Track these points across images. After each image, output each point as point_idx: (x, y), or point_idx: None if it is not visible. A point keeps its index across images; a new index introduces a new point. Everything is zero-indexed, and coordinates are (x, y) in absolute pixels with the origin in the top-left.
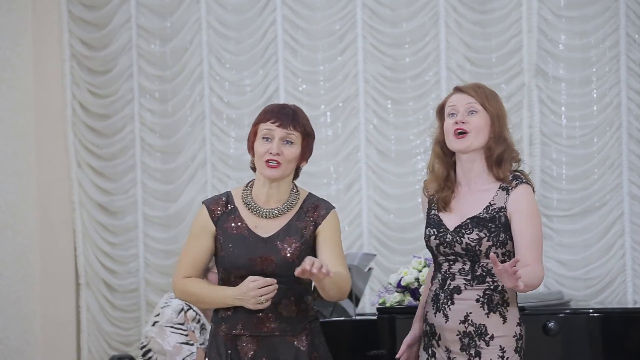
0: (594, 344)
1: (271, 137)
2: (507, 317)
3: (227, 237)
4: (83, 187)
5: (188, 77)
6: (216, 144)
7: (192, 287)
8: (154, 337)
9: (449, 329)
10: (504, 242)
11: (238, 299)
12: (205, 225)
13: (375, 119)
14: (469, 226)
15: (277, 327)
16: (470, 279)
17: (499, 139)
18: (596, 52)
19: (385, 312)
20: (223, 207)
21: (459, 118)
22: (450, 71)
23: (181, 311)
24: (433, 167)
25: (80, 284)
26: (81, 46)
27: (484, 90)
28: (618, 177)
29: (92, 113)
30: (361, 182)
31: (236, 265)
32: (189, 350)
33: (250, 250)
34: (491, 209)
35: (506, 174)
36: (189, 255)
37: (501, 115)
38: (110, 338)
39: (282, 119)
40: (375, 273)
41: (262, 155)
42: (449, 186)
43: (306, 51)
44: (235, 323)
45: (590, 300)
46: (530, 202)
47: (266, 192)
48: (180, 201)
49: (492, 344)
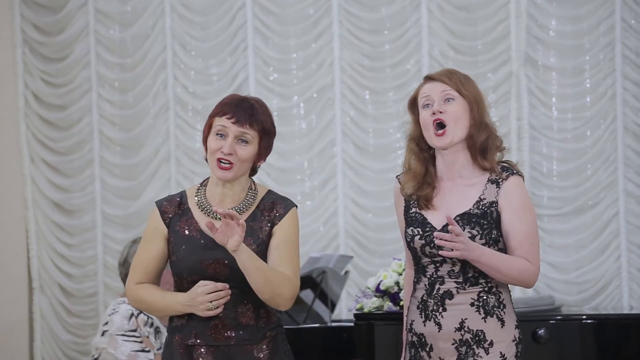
0: (587, 353)
1: (225, 134)
2: (505, 320)
3: (178, 239)
4: (37, 184)
5: (150, 65)
6: (181, 137)
7: (143, 294)
8: (105, 347)
9: (443, 338)
10: (496, 239)
11: (187, 305)
12: (157, 228)
13: (352, 110)
14: (459, 224)
15: (234, 336)
16: (462, 281)
17: (480, 126)
18: (589, 39)
19: (363, 319)
20: (176, 208)
21: (435, 108)
22: (432, 59)
23: (131, 317)
24: (409, 165)
25: (34, 288)
26: (34, 31)
27: (457, 76)
28: (613, 174)
29: (46, 104)
30: (337, 178)
31: (188, 269)
32: (146, 358)
33: (202, 254)
34: (482, 204)
35: (493, 164)
36: (141, 261)
37: (479, 99)
38: (66, 347)
39: (238, 115)
40: (352, 276)
41: (214, 152)
42: (429, 182)
43: (278, 37)
44: (189, 332)
45: (584, 305)
46: (523, 194)
47: (220, 192)
48: (142, 199)
49: (492, 351)
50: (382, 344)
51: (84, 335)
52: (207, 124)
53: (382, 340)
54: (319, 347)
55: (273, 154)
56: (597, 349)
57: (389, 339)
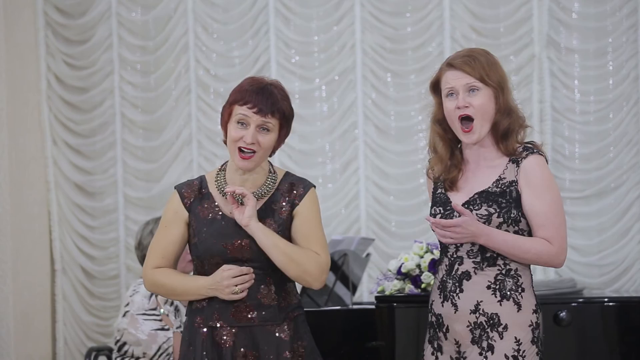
0: (609, 335)
1: (247, 124)
2: (522, 304)
3: (199, 222)
4: (59, 166)
5: (172, 47)
6: (202, 120)
7: (162, 278)
8: (127, 328)
9: (459, 320)
10: (516, 219)
11: (212, 289)
12: (177, 212)
13: (373, 93)
14: (477, 201)
15: (256, 317)
16: (479, 261)
17: (505, 111)
18: (612, 21)
19: (384, 301)
20: (196, 192)
21: (460, 102)
22: (454, 41)
23: (151, 295)
24: (435, 147)
25: (56, 270)
26: (56, 13)
27: (479, 62)
28: (636, 156)
29: (68, 86)
30: (359, 161)
31: (210, 252)
32: (165, 337)
33: (224, 236)
34: (501, 183)
35: (515, 147)
36: (159, 245)
37: (503, 83)
38: (88, 328)
39: (260, 105)
40: (373, 259)
41: (236, 141)
42: (456, 165)
43: (300, 20)
44: (211, 314)
45: (605, 288)
46: (544, 173)
47: (240, 177)
48: (163, 181)
49: (506, 335)
50: (403, 326)
51: (106, 317)
52: (226, 110)
53: (403, 323)
54: (339, 330)
55: (294, 137)
56: (618, 332)
57: (410, 321)
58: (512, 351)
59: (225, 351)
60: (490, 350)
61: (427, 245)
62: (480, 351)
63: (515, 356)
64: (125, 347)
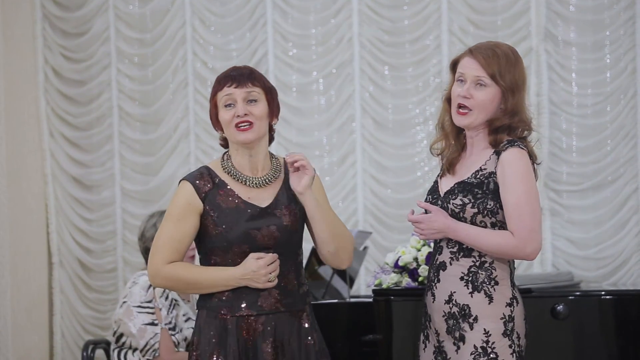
0: (607, 329)
1: (233, 102)
2: (494, 297)
3: (222, 211)
4: (56, 159)
5: (170, 40)
6: (200, 112)
7: (181, 272)
8: (122, 318)
9: (436, 310)
10: (492, 210)
11: (245, 278)
12: (191, 204)
13: (371, 86)
14: (455, 191)
15: (283, 303)
16: (456, 251)
17: (509, 113)
18: (610, 14)
19: (382, 294)
20: (210, 182)
21: (464, 91)
22: (452, 35)
23: (149, 287)
24: (443, 124)
25: (54, 263)
26: (54, 6)
27: (498, 59)
28: (633, 149)
29: (65, 79)
30: (356, 154)
31: (238, 239)
32: (153, 332)
33: (251, 223)
34: (480, 173)
35: (502, 140)
36: (173, 238)
37: (516, 87)
38: (85, 321)
39: (238, 80)
40: (370, 252)
41: (230, 121)
42: (458, 148)
43: (297, 13)
44: (239, 304)
45: (603, 281)
46: (518, 165)
47: (248, 161)
48: (161, 174)
49: (476, 326)
50: (400, 319)
51: (103, 310)
52: (212, 103)
53: (400, 316)
54: (337, 323)
55: (292, 130)
56: (615, 325)
57: (408, 314)
58: (481, 342)
59: (254, 340)
60: (462, 341)
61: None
62: (453, 341)
63: (484, 347)
64: (122, 339)
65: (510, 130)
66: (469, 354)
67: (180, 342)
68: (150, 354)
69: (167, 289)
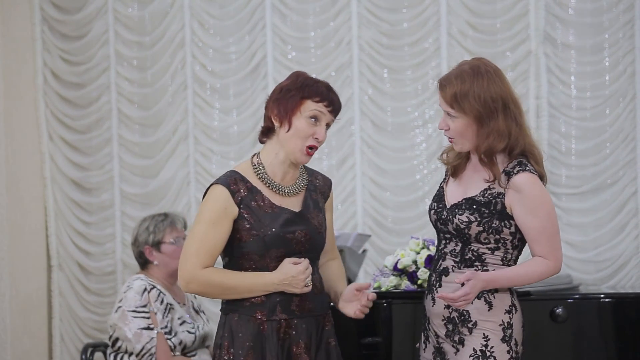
0: (605, 331)
1: (319, 121)
2: (494, 303)
3: (259, 216)
4: (55, 162)
5: (169, 43)
6: (199, 115)
7: (220, 277)
8: (117, 323)
9: (435, 314)
10: (497, 229)
11: (283, 284)
12: (227, 208)
13: (370, 89)
14: (462, 207)
15: (314, 306)
16: (459, 261)
17: (499, 135)
18: (609, 17)
19: (381, 297)
20: (244, 187)
21: (441, 124)
22: (451, 37)
23: (144, 292)
24: None
25: (52, 266)
26: (53, 9)
27: (459, 87)
28: (632, 152)
29: (64, 82)
30: (355, 157)
31: (276, 244)
32: (149, 336)
33: (288, 227)
34: (489, 192)
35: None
36: (209, 243)
37: (490, 109)
38: (84, 324)
39: (334, 105)
40: (370, 255)
41: (306, 137)
42: (466, 155)
43: (296, 16)
44: (274, 307)
45: (602, 284)
46: (535, 190)
47: (283, 170)
48: (160, 177)
49: (475, 331)
50: (400, 322)
51: (102, 313)
52: (292, 102)
53: (400, 319)
54: (336, 326)
55: None
56: (614, 328)
57: (407, 317)
58: (480, 346)
59: (288, 344)
60: (461, 344)
61: (424, 241)
62: (452, 344)
63: (483, 351)
64: (118, 343)
65: (511, 149)
66: (467, 356)
67: (176, 346)
68: (146, 359)
69: (199, 295)
